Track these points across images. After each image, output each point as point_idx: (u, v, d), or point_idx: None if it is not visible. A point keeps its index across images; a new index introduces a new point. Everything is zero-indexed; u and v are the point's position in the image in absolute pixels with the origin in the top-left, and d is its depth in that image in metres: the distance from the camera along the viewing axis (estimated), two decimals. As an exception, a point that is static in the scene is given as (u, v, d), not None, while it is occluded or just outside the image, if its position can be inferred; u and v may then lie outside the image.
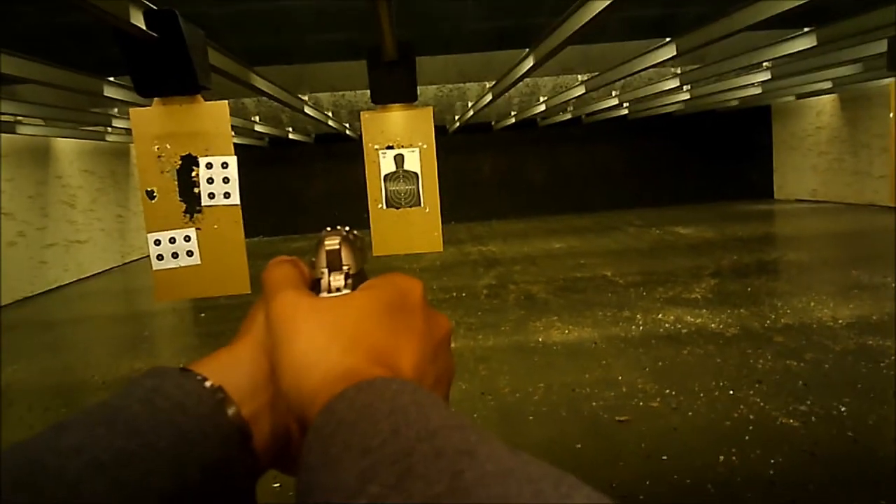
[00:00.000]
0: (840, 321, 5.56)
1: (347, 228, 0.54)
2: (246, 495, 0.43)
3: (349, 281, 0.48)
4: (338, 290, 0.48)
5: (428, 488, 0.28)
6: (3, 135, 8.89)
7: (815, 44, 5.02)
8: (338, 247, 0.49)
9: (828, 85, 10.39)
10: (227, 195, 2.27)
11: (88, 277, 11.46)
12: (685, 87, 9.02)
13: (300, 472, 0.35)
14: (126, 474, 0.37)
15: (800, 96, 12.88)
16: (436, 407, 0.35)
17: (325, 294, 0.47)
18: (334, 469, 0.32)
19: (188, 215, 2.26)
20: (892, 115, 3.73)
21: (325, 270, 0.48)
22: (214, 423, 0.42)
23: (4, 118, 7.76)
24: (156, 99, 2.31)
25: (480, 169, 16.16)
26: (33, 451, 0.37)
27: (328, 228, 0.51)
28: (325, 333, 0.42)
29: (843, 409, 3.88)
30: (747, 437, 3.59)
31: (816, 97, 13.64)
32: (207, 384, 0.44)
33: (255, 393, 0.46)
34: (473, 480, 0.28)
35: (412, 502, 0.28)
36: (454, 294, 7.64)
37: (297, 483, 0.35)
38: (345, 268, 0.48)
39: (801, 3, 3.40)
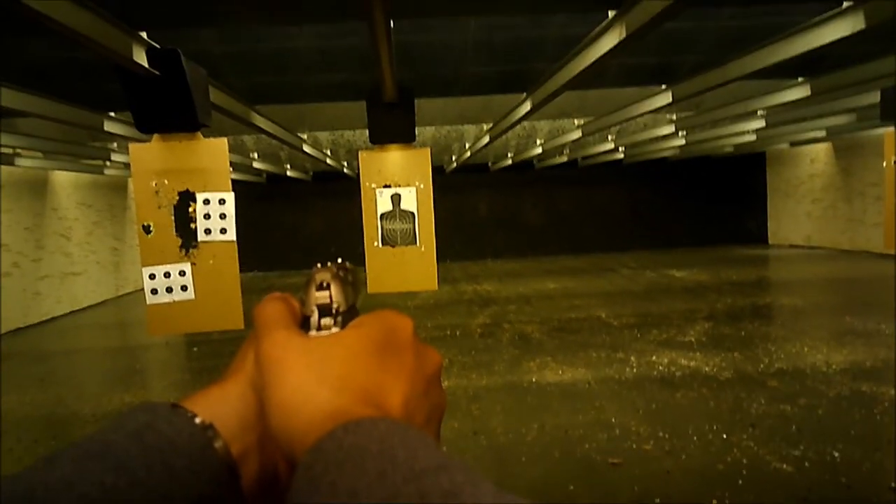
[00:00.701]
0: (834, 367, 5.55)
1: (340, 260, 0.54)
2: None
3: (339, 318, 0.48)
4: (327, 328, 0.47)
5: None
6: (2, 167, 8.93)
7: (808, 93, 5.10)
8: (327, 285, 0.49)
9: (822, 133, 10.52)
10: (223, 231, 2.29)
11: (82, 309, 11.42)
12: (681, 133, 9.12)
13: None
14: None
15: (794, 143, 13.02)
16: (424, 447, 0.35)
17: (314, 332, 0.47)
18: None
19: (184, 250, 2.27)
20: (885, 164, 3.80)
21: (315, 309, 0.48)
22: (204, 461, 0.42)
23: (4, 150, 7.81)
24: (155, 135, 2.34)
25: (477, 209, 16.23)
26: (23, 486, 0.37)
27: (318, 265, 0.51)
28: (313, 373, 0.42)
29: (836, 454, 3.86)
30: (740, 482, 3.56)
31: (811, 145, 13.79)
32: (198, 421, 0.43)
33: (245, 431, 0.45)
34: None
35: None
36: (448, 332, 7.63)
37: None
38: (334, 305, 0.48)
39: (794, 54, 3.46)
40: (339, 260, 0.54)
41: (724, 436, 4.20)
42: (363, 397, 0.42)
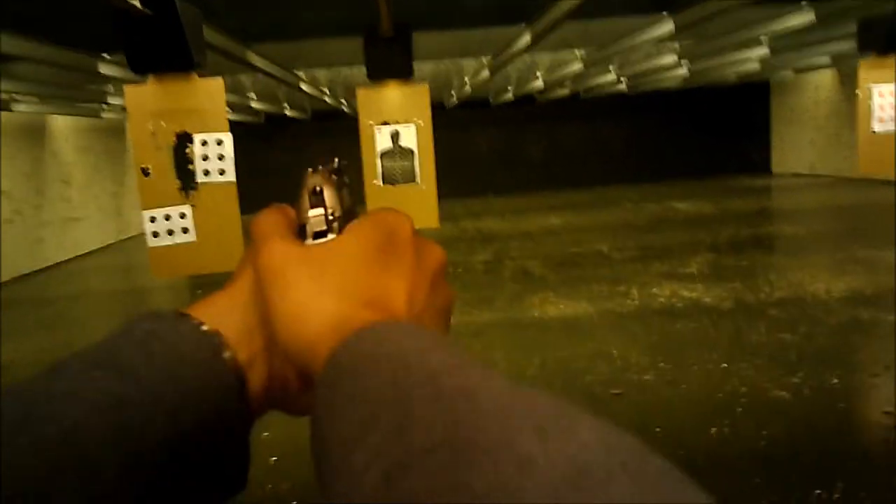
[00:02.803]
0: (834, 294, 5.59)
1: (336, 160, 0.53)
2: (240, 440, 0.43)
3: (335, 224, 0.47)
4: (323, 234, 0.47)
5: (426, 435, 0.28)
6: (1, 112, 8.86)
7: (813, 19, 5.00)
8: (320, 190, 0.48)
9: (826, 60, 10.34)
10: (222, 172, 2.28)
11: (85, 255, 11.47)
12: (683, 63, 8.97)
13: (312, 427, 0.35)
14: (123, 419, 0.37)
15: (798, 71, 12.82)
16: (436, 347, 0.35)
17: (310, 241, 0.46)
18: (337, 421, 0.32)
19: (184, 192, 2.27)
20: (857, 92, 3.82)
21: (309, 216, 0.47)
22: (211, 369, 0.42)
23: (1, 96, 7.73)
24: (151, 76, 2.31)
25: (478, 145, 16.11)
26: (28, 396, 0.37)
27: (310, 169, 0.49)
28: (315, 282, 0.42)
29: (835, 381, 3.92)
30: (740, 410, 3.63)
31: (815, 72, 13.58)
32: (204, 328, 0.43)
33: (252, 337, 0.45)
34: (473, 424, 0.27)
35: (411, 450, 0.27)
36: (450, 270, 7.63)
37: (311, 437, 0.35)
38: (329, 211, 0.47)
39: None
40: (335, 160, 0.53)
41: (724, 365, 4.26)
42: (368, 302, 0.42)
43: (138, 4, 2.22)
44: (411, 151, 3.45)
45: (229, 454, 0.43)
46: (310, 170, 0.49)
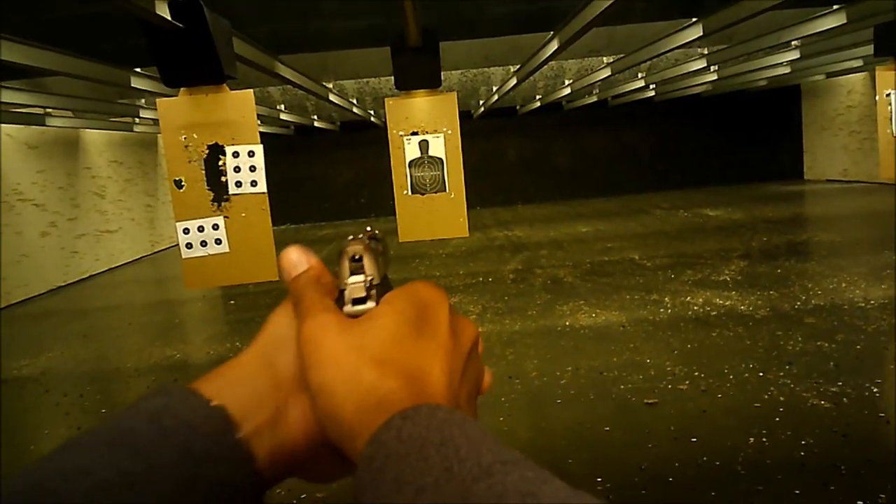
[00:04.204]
0: (872, 302, 5.48)
1: (369, 229, 0.54)
2: None
3: (373, 292, 0.47)
4: (362, 301, 0.47)
5: None
6: (33, 127, 9.02)
7: (844, 21, 4.92)
8: (360, 257, 0.49)
9: (858, 63, 10.18)
10: (253, 183, 2.29)
11: (119, 266, 11.63)
12: (712, 68, 8.89)
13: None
14: (132, 496, 0.37)
15: (830, 75, 12.64)
16: (485, 439, 0.34)
17: (349, 307, 0.47)
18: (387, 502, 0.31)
19: (216, 204, 2.28)
20: (877, 98, 3.78)
21: (349, 283, 0.48)
22: (220, 444, 0.42)
23: (34, 110, 7.88)
24: (182, 89, 2.33)
25: (506, 153, 16.10)
26: (40, 474, 0.37)
27: (350, 237, 0.50)
28: (354, 355, 0.42)
29: (874, 390, 3.83)
30: (777, 419, 3.56)
31: (847, 76, 13.38)
32: (213, 404, 0.43)
33: (260, 409, 0.45)
34: None
35: None
36: (480, 279, 7.65)
37: None
38: (368, 277, 0.48)
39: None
40: (369, 229, 0.54)
41: (761, 374, 4.19)
42: (407, 380, 0.41)
43: (169, 18, 2.24)
44: (440, 160, 3.45)
45: None
46: (350, 237, 0.50)
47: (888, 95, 3.69)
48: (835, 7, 4.97)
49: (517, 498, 0.29)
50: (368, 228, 0.54)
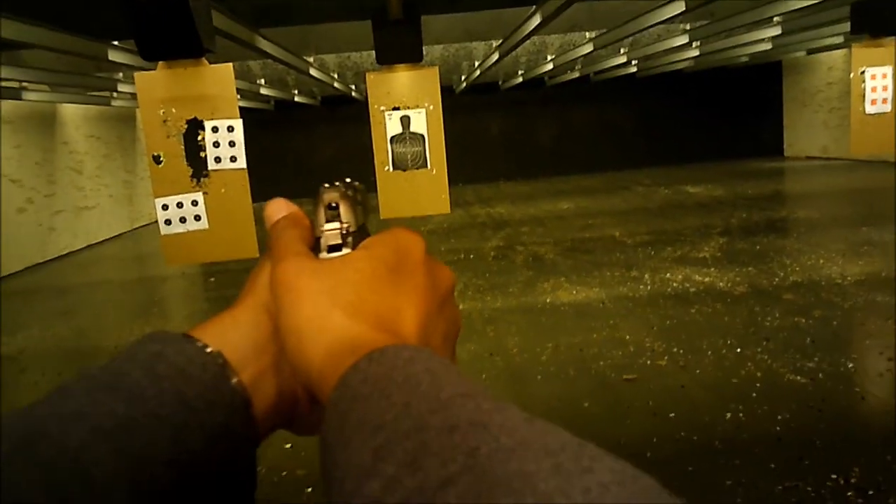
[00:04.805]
0: (849, 278, 5.55)
1: (348, 180, 0.54)
2: (247, 461, 0.43)
3: (349, 239, 0.47)
4: (338, 248, 0.47)
5: (442, 467, 0.27)
6: (9, 101, 8.87)
7: (826, -3, 4.93)
8: (336, 205, 0.48)
9: (839, 40, 10.22)
10: (233, 159, 2.27)
11: (98, 243, 11.52)
12: (694, 44, 8.89)
13: (321, 450, 0.35)
14: (128, 442, 0.37)
15: (811, 51, 12.68)
16: (447, 374, 0.34)
17: (324, 254, 0.47)
18: (349, 446, 0.32)
19: (195, 180, 2.26)
20: (851, 75, 3.84)
21: (324, 229, 0.48)
22: (216, 391, 0.42)
23: (9, 84, 7.74)
24: (160, 63, 2.30)
25: (488, 129, 16.06)
26: (35, 418, 0.37)
27: (326, 185, 0.50)
28: (326, 298, 0.42)
29: (850, 365, 3.89)
30: (754, 394, 3.61)
31: (828, 52, 13.43)
32: (208, 350, 0.43)
33: (257, 357, 0.45)
34: (489, 456, 0.27)
35: (427, 482, 0.27)
36: (462, 256, 7.65)
37: (320, 461, 0.35)
38: (344, 225, 0.48)
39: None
40: (348, 180, 0.54)
41: (739, 350, 4.24)
42: (379, 322, 0.41)
43: (147, -10, 2.20)
44: (422, 136, 3.43)
45: (236, 475, 0.43)
46: (326, 185, 0.50)
47: (863, 73, 3.73)
48: (816, -17, 4.97)
49: (468, 427, 0.29)
50: (348, 179, 0.54)
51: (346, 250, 0.47)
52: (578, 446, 0.27)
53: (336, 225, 0.48)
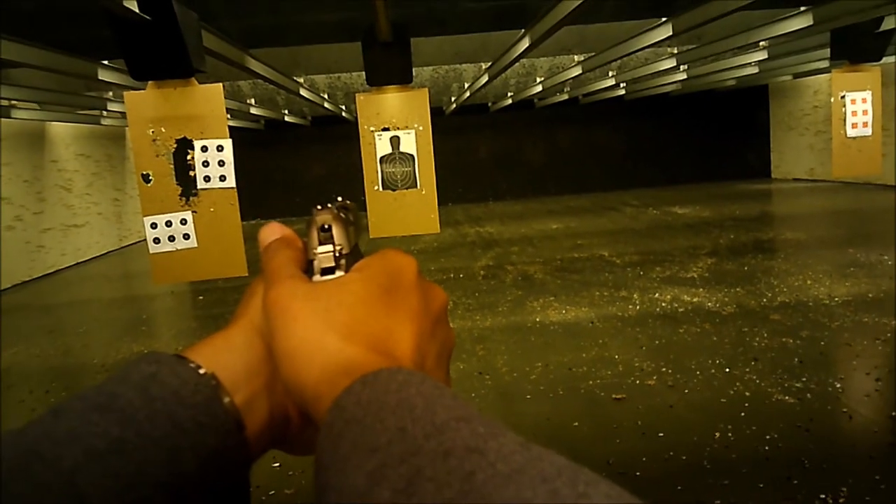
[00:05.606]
0: (836, 299, 5.58)
1: (340, 199, 0.54)
2: (239, 482, 0.43)
3: (342, 261, 0.47)
4: (331, 271, 0.47)
5: (438, 493, 0.27)
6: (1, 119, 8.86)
7: (811, 23, 5.00)
8: (329, 227, 0.48)
9: (824, 64, 10.34)
10: (222, 178, 2.28)
11: (86, 261, 11.46)
12: (682, 68, 8.99)
13: (315, 472, 0.35)
14: (122, 463, 0.37)
15: (797, 76, 12.83)
16: (442, 397, 0.34)
17: (318, 277, 0.47)
18: (343, 470, 0.31)
19: (184, 198, 2.26)
20: (832, 100, 3.95)
21: (318, 252, 0.48)
22: (209, 413, 0.42)
23: (0, 102, 7.74)
24: (150, 82, 2.31)
25: (477, 150, 16.12)
26: (29, 439, 0.37)
27: (318, 207, 0.50)
28: (320, 321, 0.42)
29: (838, 385, 3.91)
30: (743, 414, 3.62)
31: (813, 76, 13.59)
32: (202, 371, 0.43)
33: (250, 379, 0.45)
34: (485, 482, 0.27)
35: None
36: (451, 275, 7.66)
37: (314, 483, 0.35)
38: (337, 247, 0.48)
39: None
40: (339, 199, 0.54)
41: (727, 370, 4.25)
42: (373, 344, 0.41)
43: (137, 10, 2.22)
44: (411, 157, 3.44)
45: (228, 496, 0.43)
46: (318, 207, 0.50)
47: (843, 97, 3.80)
48: (802, 9, 5.04)
49: (464, 453, 0.29)
50: (340, 198, 0.54)
51: (339, 273, 0.47)
52: (574, 472, 0.27)
53: (329, 247, 0.48)
